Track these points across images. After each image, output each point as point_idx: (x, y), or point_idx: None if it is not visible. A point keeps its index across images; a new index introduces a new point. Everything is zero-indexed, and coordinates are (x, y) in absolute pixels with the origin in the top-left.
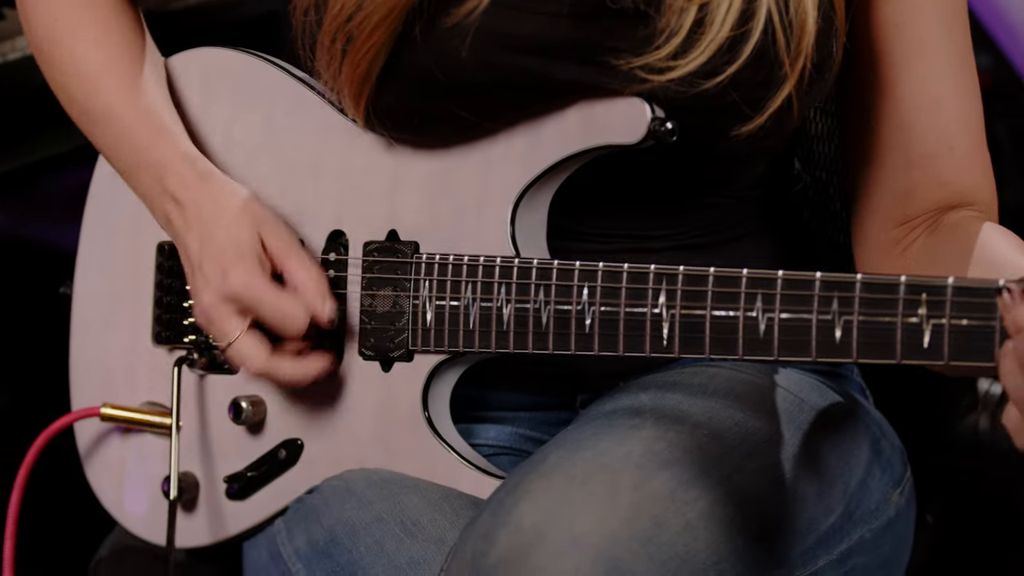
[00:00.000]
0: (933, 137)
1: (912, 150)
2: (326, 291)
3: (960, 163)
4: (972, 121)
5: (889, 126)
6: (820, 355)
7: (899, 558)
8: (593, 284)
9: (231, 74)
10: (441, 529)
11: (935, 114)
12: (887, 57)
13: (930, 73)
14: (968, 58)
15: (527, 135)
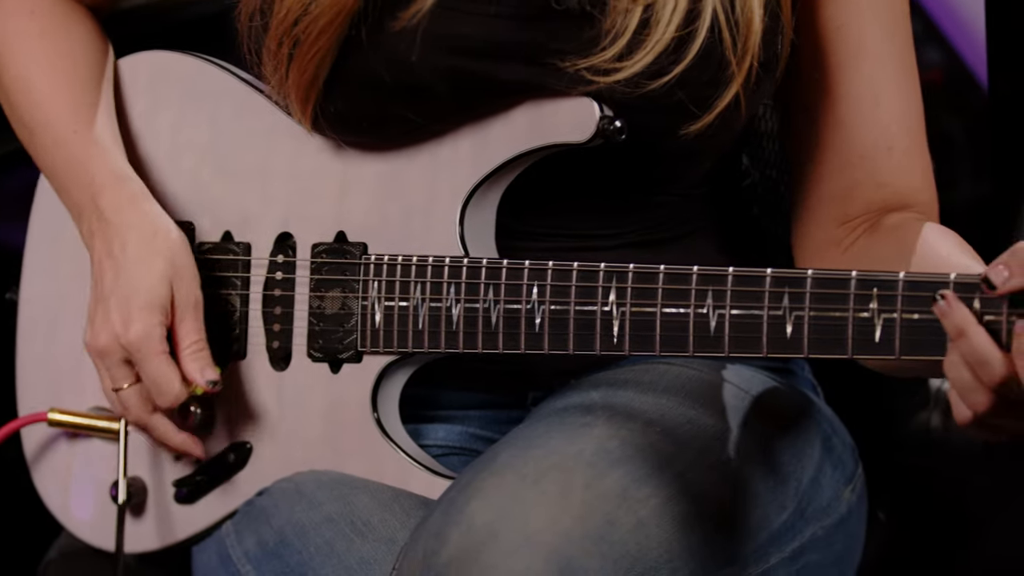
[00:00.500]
0: (872, 137)
1: (851, 150)
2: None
3: (899, 164)
4: (912, 122)
5: (829, 125)
6: (771, 351)
7: (851, 555)
8: (543, 283)
9: (178, 77)
10: (391, 529)
11: (874, 114)
12: (829, 57)
13: (870, 74)
14: (909, 60)
15: (475, 136)
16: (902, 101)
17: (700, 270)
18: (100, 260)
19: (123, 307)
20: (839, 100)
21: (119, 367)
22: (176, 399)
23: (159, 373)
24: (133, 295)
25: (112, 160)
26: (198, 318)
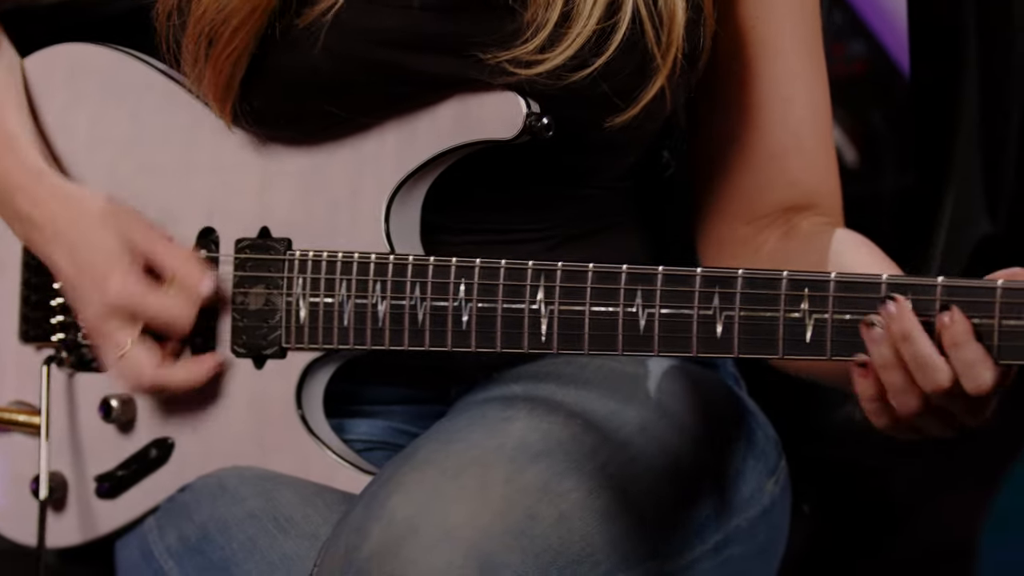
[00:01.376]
0: (782, 136)
1: (762, 148)
2: (201, 269)
3: (808, 163)
4: (821, 121)
5: (741, 122)
6: (701, 351)
7: (775, 547)
8: (470, 281)
9: (97, 70)
10: (314, 525)
11: (785, 113)
12: (741, 54)
13: (782, 72)
14: (819, 59)
15: (400, 131)
16: (813, 99)
17: (629, 269)
18: (47, 256)
19: (89, 278)
20: (752, 97)
21: (117, 333)
22: (191, 319)
23: (160, 305)
24: (91, 265)
25: (26, 157)
26: (165, 242)
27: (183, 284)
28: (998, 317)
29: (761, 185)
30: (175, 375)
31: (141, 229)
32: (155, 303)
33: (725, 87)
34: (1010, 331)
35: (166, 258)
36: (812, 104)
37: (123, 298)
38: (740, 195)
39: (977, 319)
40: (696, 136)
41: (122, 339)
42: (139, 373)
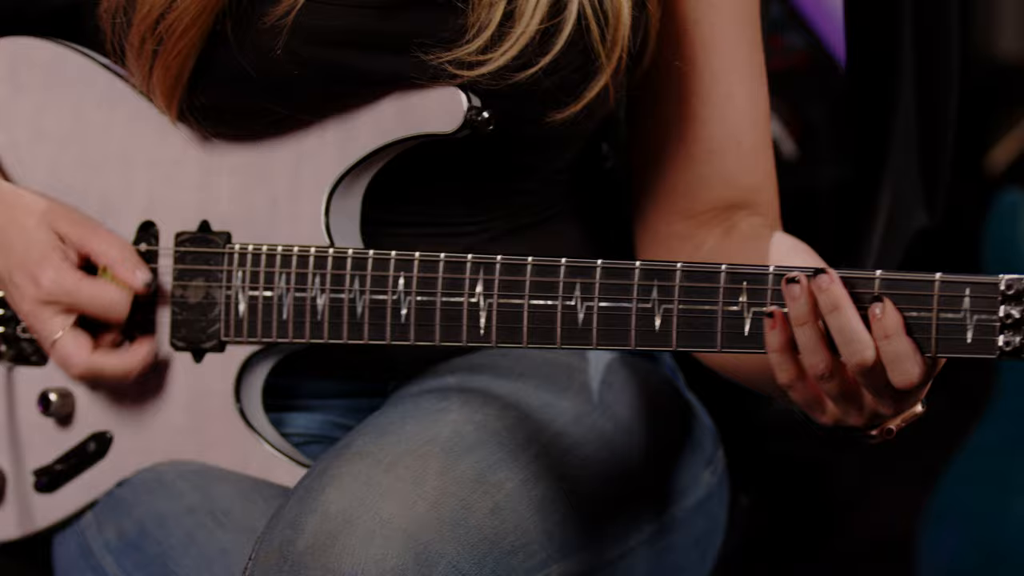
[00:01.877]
0: (722, 132)
1: (701, 144)
2: (136, 260)
3: (746, 160)
4: (760, 118)
5: (680, 119)
6: (640, 344)
7: (712, 537)
8: (409, 274)
9: (39, 63)
10: (252, 519)
11: (725, 110)
12: (682, 50)
13: (722, 69)
14: (759, 56)
15: (341, 126)
16: (752, 97)
17: (568, 262)
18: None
19: (24, 272)
20: (692, 94)
21: (49, 321)
22: (125, 306)
23: (93, 293)
24: (25, 259)
25: None
26: (100, 232)
27: (117, 273)
28: (936, 310)
29: (699, 181)
30: (108, 361)
31: (76, 223)
32: (88, 291)
33: (665, 83)
34: (947, 324)
35: (100, 249)
36: (751, 101)
37: (56, 288)
38: (678, 191)
39: (915, 312)
40: (636, 131)
41: (54, 327)
42: (72, 359)
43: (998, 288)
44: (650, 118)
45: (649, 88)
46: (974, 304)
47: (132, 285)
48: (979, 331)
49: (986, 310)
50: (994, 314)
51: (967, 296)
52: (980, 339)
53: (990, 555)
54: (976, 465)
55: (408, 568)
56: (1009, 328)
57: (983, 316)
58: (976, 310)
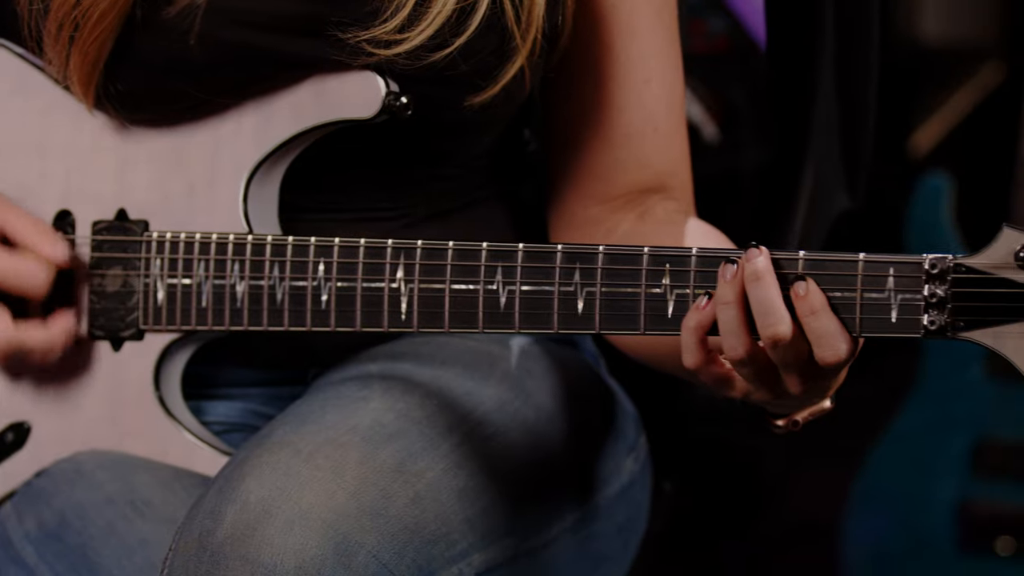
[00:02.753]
0: (638, 118)
1: (617, 129)
2: (53, 234)
3: (661, 145)
4: (675, 103)
5: (597, 103)
6: (562, 327)
7: (635, 524)
8: (329, 260)
9: None
10: (172, 508)
11: (642, 95)
12: (601, 35)
13: (640, 54)
14: (675, 41)
15: (259, 111)
16: (668, 82)
17: (489, 246)
18: None
19: None
20: (609, 78)
21: None
22: (44, 281)
23: (10, 267)
24: None
25: None
26: (15, 209)
27: (35, 245)
28: (860, 290)
29: (614, 165)
30: (32, 334)
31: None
32: (6, 263)
33: (582, 67)
34: (871, 304)
35: (16, 225)
36: (668, 86)
37: None
38: (594, 174)
39: (839, 292)
40: (552, 115)
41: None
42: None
43: (922, 267)
44: (567, 102)
45: (567, 72)
46: (898, 284)
47: (51, 257)
48: (903, 310)
49: (910, 289)
50: (918, 293)
51: (891, 276)
52: (905, 318)
53: (914, 538)
54: (900, 448)
55: (327, 558)
56: (933, 307)
57: (907, 295)
58: (900, 289)
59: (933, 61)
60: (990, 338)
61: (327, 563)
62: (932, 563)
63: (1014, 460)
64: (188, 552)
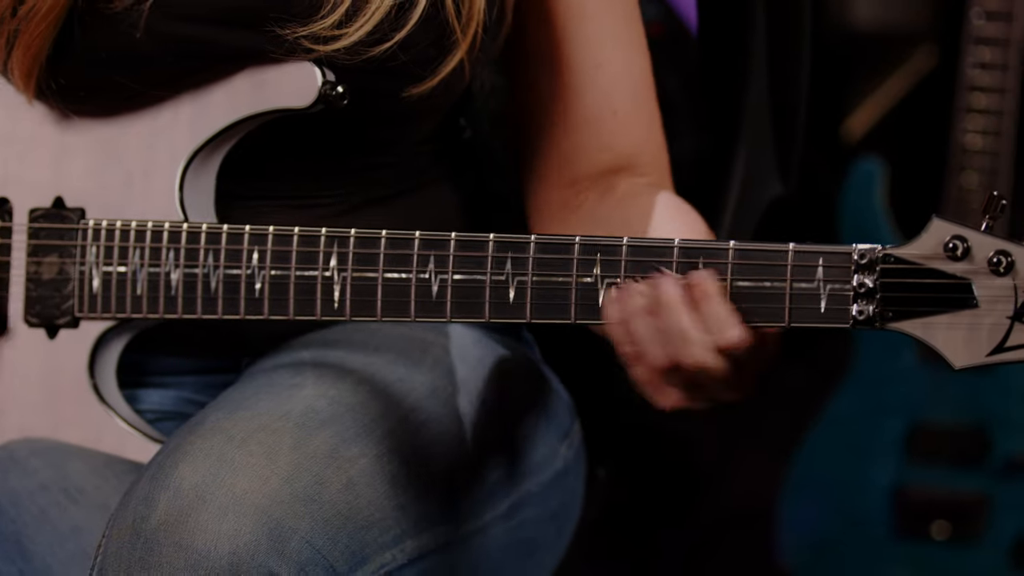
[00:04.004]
0: (594, 101)
1: (575, 113)
2: None
3: (623, 127)
4: (637, 83)
5: (552, 89)
6: (493, 316)
7: (569, 511)
8: (263, 248)
9: None
10: (105, 495)
11: (595, 78)
12: (551, 21)
13: (592, 38)
14: (634, 23)
15: (195, 101)
16: (625, 63)
17: (422, 235)
18: None
19: None
20: (562, 65)
21: None
22: None
23: None
24: None
25: None
26: None
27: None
28: (789, 280)
29: (576, 149)
30: None
31: None
32: None
33: (537, 53)
34: (800, 294)
35: None
36: (625, 67)
37: None
38: (556, 160)
39: (768, 282)
40: (516, 102)
41: None
42: None
43: (851, 257)
44: (526, 90)
45: (522, 60)
46: (827, 274)
47: None
48: (832, 300)
49: (839, 279)
50: (847, 283)
51: (820, 266)
52: (833, 308)
53: (850, 523)
54: (835, 434)
55: (261, 543)
56: (862, 297)
57: (836, 286)
58: (829, 280)
59: (866, 46)
60: (919, 329)
61: (261, 548)
62: (868, 548)
63: (948, 445)
64: (122, 539)
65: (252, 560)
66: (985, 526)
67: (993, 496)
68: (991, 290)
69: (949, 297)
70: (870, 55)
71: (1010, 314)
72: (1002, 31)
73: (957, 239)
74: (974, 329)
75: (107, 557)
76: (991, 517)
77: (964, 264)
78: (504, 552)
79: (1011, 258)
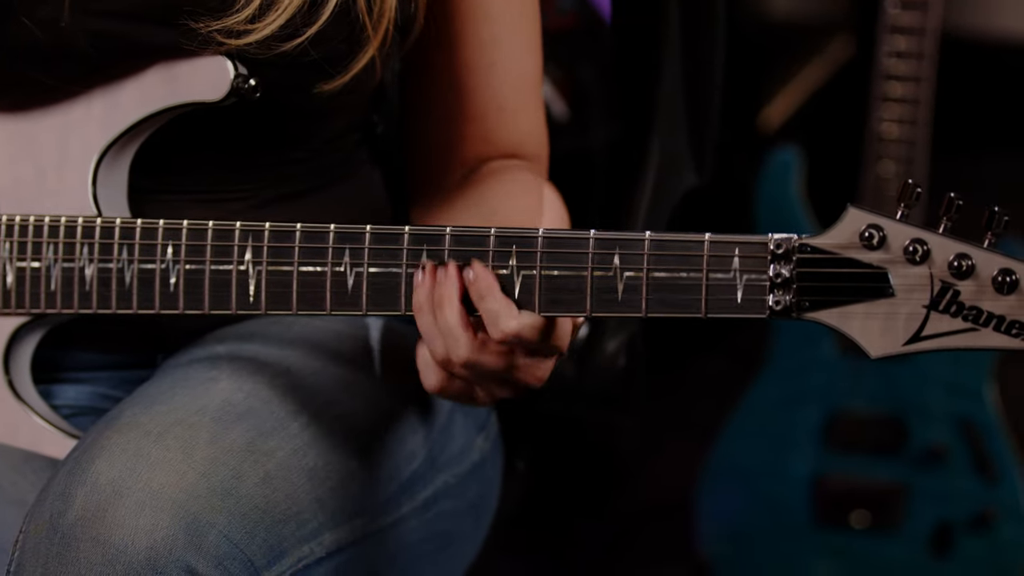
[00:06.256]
0: (483, 98)
1: (463, 109)
2: None
3: (508, 122)
4: (527, 82)
5: (443, 85)
6: (410, 309)
7: (486, 502)
8: (178, 242)
9: None
10: (22, 491)
11: (488, 77)
12: (452, 20)
13: (489, 39)
14: (532, 20)
15: (107, 96)
16: (519, 63)
17: (337, 228)
18: None
19: None
20: (457, 62)
21: None
22: None
23: None
24: None
25: None
26: None
27: None
28: (705, 271)
29: (459, 140)
30: None
31: None
32: None
33: (432, 51)
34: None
35: None
36: (519, 67)
37: None
38: (439, 148)
39: (684, 273)
40: (405, 88)
41: None
42: None
43: (767, 247)
44: (418, 82)
45: (418, 54)
46: (743, 264)
47: None
48: (749, 291)
49: (756, 269)
50: (764, 274)
51: (736, 256)
52: (750, 299)
53: (770, 512)
54: (753, 423)
55: (178, 538)
56: (779, 287)
57: (752, 276)
58: (745, 270)
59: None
60: (836, 318)
61: (178, 543)
62: (788, 537)
63: (867, 433)
64: (39, 534)
65: (170, 555)
66: (904, 515)
67: (912, 485)
68: (907, 279)
69: (865, 286)
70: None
71: (926, 303)
72: (918, 20)
73: (873, 228)
74: (891, 318)
75: (24, 553)
76: (910, 506)
77: (880, 253)
78: (422, 544)
79: (927, 247)
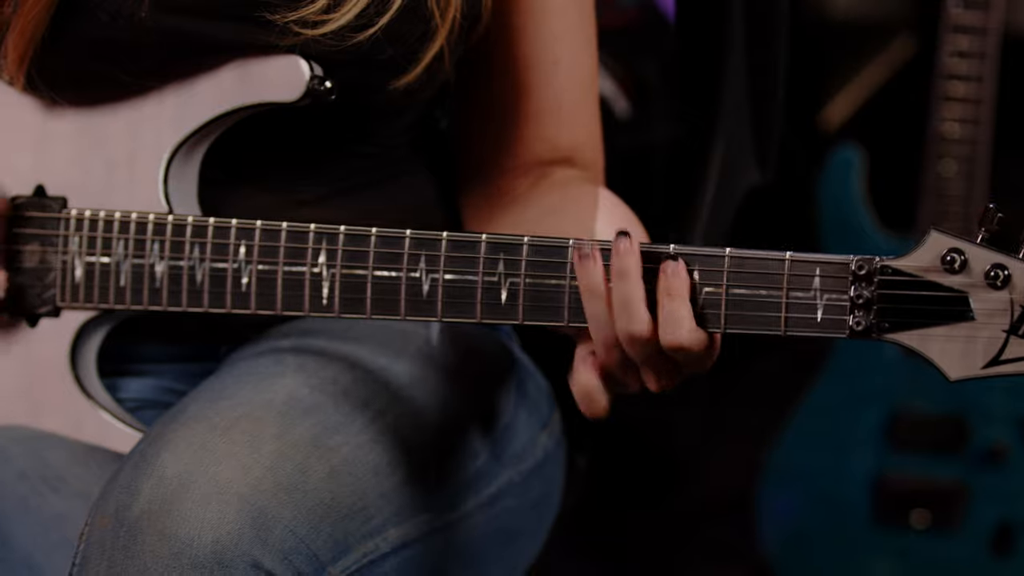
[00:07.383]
0: (545, 96)
1: (524, 107)
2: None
3: (567, 121)
4: (585, 80)
5: (505, 83)
6: (486, 316)
7: (549, 500)
8: (251, 243)
9: None
10: (86, 484)
11: (551, 75)
12: (512, 17)
13: (551, 35)
14: (588, 17)
15: (180, 93)
16: (579, 60)
17: (413, 234)
18: None
19: None
20: (520, 59)
21: None
22: None
23: None
24: None
25: None
26: None
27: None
28: (785, 289)
29: (519, 141)
30: None
31: None
32: None
33: (494, 47)
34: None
35: None
36: (579, 64)
37: None
38: (497, 150)
39: (764, 291)
40: (459, 91)
41: None
42: None
43: (849, 268)
44: (476, 81)
45: (478, 51)
46: (824, 284)
47: None
48: (829, 311)
49: (836, 289)
50: (844, 294)
51: (817, 276)
52: (830, 319)
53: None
54: (815, 423)
55: (245, 532)
56: (859, 308)
57: (833, 296)
58: (826, 289)
59: (844, 35)
60: (915, 340)
61: (244, 537)
62: (847, 537)
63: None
64: (105, 527)
65: (236, 548)
66: (964, 515)
67: (972, 485)
68: (988, 303)
69: (946, 310)
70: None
71: (1006, 327)
72: (979, 19)
73: (954, 252)
74: (970, 342)
75: (90, 546)
76: (970, 506)
77: (961, 277)
78: (485, 540)
79: (1007, 272)
